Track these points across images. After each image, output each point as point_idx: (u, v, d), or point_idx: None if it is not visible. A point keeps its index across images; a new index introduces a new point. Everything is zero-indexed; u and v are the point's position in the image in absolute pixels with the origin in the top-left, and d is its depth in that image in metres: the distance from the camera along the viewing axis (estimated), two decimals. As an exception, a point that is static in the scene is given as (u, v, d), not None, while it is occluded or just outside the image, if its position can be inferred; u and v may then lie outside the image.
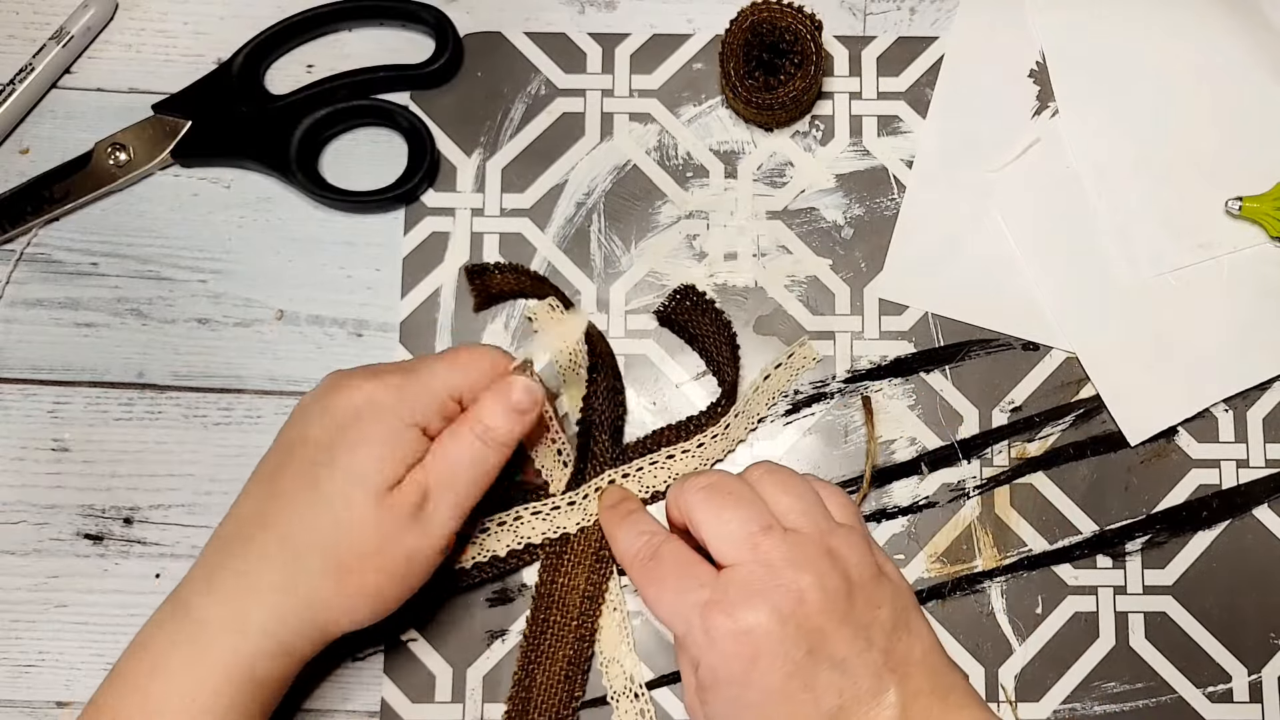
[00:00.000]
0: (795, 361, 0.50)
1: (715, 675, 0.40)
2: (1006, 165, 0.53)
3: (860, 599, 0.41)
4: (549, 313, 0.50)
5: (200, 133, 0.52)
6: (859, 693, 0.40)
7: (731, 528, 0.41)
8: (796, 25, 0.50)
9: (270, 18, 0.53)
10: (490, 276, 0.50)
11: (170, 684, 0.41)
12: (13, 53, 0.53)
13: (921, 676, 0.41)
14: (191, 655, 0.41)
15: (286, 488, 0.42)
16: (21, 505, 0.50)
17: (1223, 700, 0.49)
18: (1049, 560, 0.49)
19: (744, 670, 0.39)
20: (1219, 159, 0.52)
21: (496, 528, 0.48)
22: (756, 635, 0.39)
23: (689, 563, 0.42)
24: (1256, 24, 0.53)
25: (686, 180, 0.52)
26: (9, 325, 0.51)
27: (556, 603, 0.48)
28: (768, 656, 0.39)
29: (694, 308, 0.50)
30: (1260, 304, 0.51)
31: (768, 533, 0.41)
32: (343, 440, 0.42)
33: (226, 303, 0.51)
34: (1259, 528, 0.50)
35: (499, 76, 0.53)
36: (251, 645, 0.41)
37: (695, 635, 0.40)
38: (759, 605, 0.39)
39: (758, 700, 0.39)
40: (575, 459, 0.49)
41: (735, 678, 0.39)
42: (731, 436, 0.49)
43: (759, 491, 0.42)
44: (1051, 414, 0.51)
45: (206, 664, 0.41)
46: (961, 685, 0.42)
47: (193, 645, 0.41)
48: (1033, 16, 0.54)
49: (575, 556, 0.48)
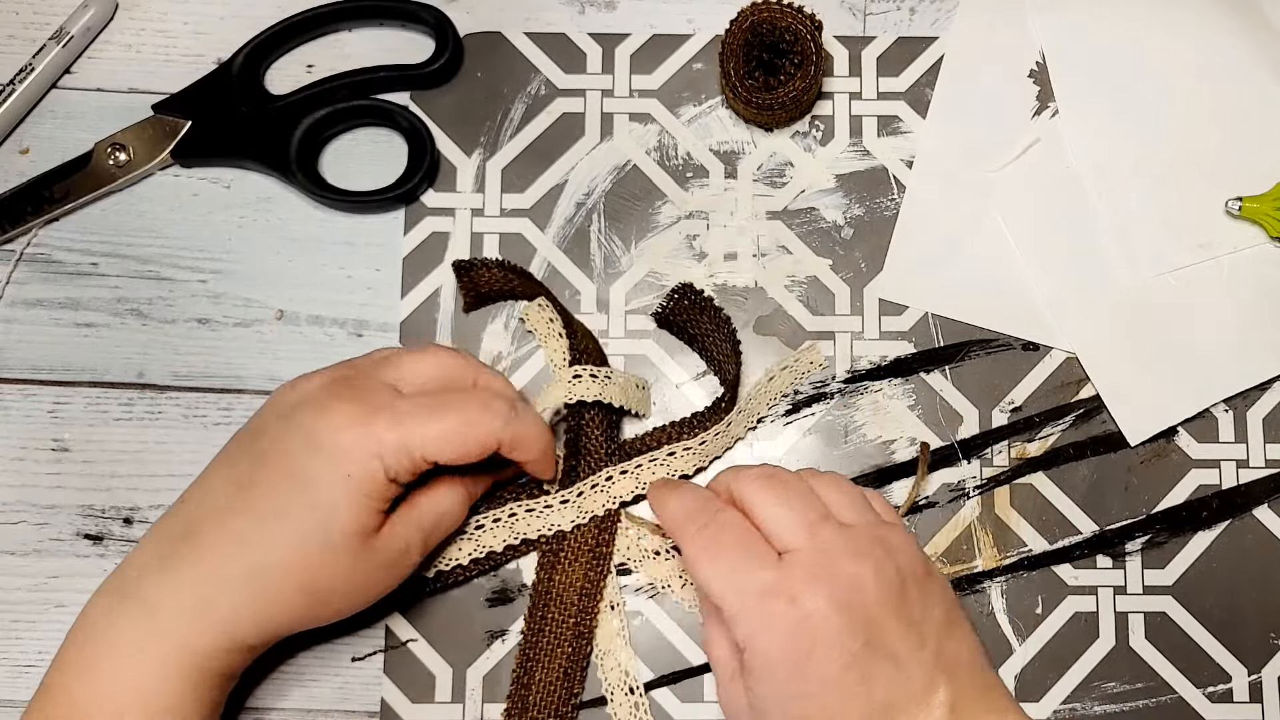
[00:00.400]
0: (800, 365, 0.50)
1: (769, 659, 0.39)
2: (1006, 165, 0.53)
3: (914, 593, 0.41)
4: (539, 312, 0.50)
5: (200, 133, 0.52)
6: (911, 689, 0.39)
7: (792, 514, 0.41)
8: (796, 25, 0.50)
9: (270, 18, 0.53)
10: (479, 273, 0.50)
11: (120, 668, 0.41)
12: (13, 53, 0.53)
13: (968, 677, 0.41)
14: (143, 641, 0.41)
15: (258, 508, 0.42)
16: (21, 505, 0.50)
17: (1223, 700, 0.49)
18: (1049, 560, 0.49)
19: (801, 658, 0.39)
20: (1219, 159, 0.52)
21: (492, 524, 0.48)
22: (816, 622, 0.39)
23: (750, 539, 0.41)
24: (1256, 24, 0.53)
25: (686, 180, 0.52)
26: (9, 325, 0.51)
27: (554, 600, 0.48)
28: (825, 646, 0.39)
29: (693, 306, 0.50)
30: (1260, 304, 0.51)
31: (825, 521, 0.41)
32: (321, 479, 0.41)
33: (226, 303, 0.51)
34: (1259, 528, 0.50)
35: (499, 76, 0.53)
36: (207, 640, 0.41)
37: (750, 616, 0.40)
38: (820, 592, 0.39)
39: (812, 690, 0.39)
40: (566, 455, 0.49)
41: (790, 664, 0.39)
42: (731, 434, 0.49)
43: (812, 487, 0.43)
44: (1051, 414, 0.51)
45: (158, 651, 0.41)
46: (1001, 688, 0.42)
47: (145, 632, 0.41)
48: (1033, 16, 0.54)
49: (572, 553, 0.48)
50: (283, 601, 0.42)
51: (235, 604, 0.41)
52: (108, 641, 0.41)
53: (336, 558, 0.42)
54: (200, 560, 0.41)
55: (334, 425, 0.41)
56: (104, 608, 0.42)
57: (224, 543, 0.41)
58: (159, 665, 0.41)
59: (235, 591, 0.41)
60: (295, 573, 0.41)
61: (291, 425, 0.42)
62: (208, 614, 0.41)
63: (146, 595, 0.41)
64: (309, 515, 0.41)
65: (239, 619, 0.41)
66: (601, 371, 0.48)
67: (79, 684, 0.41)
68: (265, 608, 0.42)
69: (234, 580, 0.41)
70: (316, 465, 0.41)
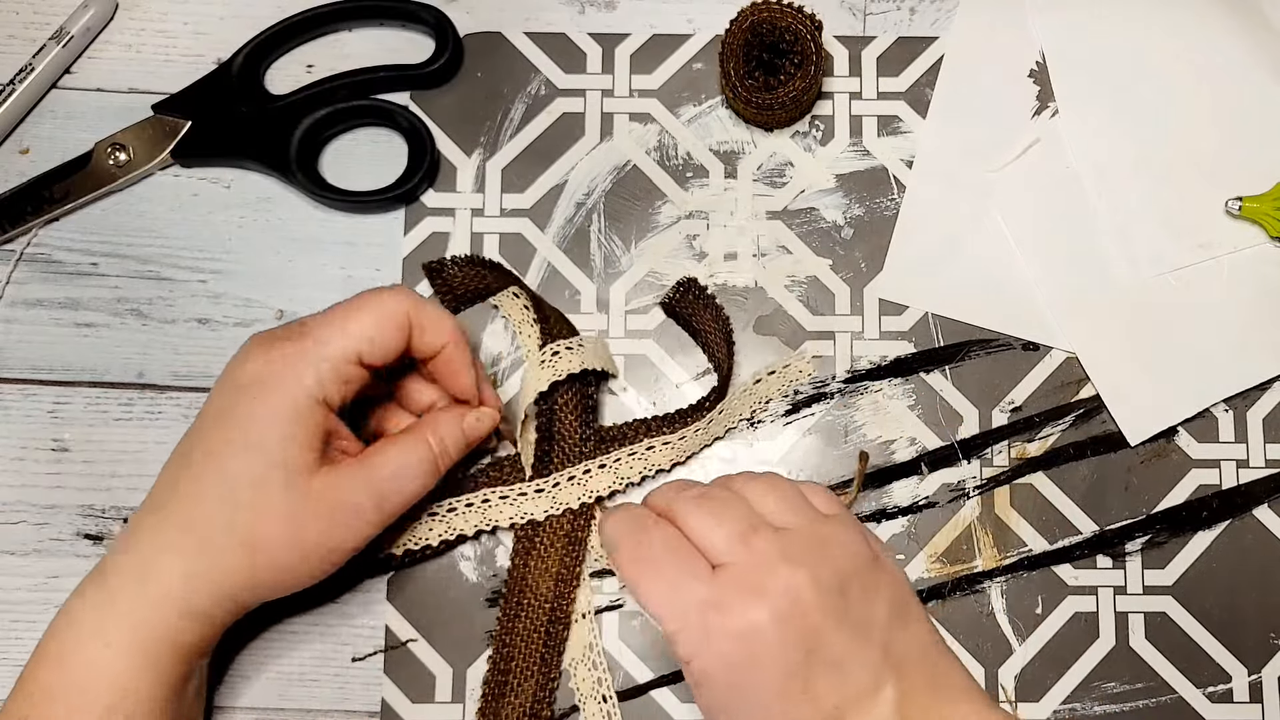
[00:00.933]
0: (790, 373, 0.50)
1: (709, 675, 0.39)
2: (1006, 165, 0.53)
3: (856, 591, 0.40)
4: (513, 300, 0.50)
5: (200, 133, 0.52)
6: (857, 692, 0.39)
7: (723, 526, 0.40)
8: (796, 25, 0.50)
9: (270, 18, 0.53)
10: (450, 273, 0.50)
11: (84, 652, 0.41)
12: (13, 53, 0.53)
13: (919, 672, 0.40)
14: (103, 622, 0.41)
15: (191, 458, 0.42)
16: (21, 505, 0.50)
17: (1223, 700, 0.49)
18: (1049, 560, 0.49)
19: (742, 672, 0.39)
20: (1219, 159, 0.52)
21: (464, 509, 0.48)
22: (754, 636, 0.38)
23: (682, 552, 0.40)
24: (1256, 24, 0.53)
25: (686, 180, 0.52)
26: (9, 325, 0.51)
27: (529, 587, 0.48)
28: (766, 659, 0.38)
29: (695, 300, 0.50)
30: (1260, 304, 0.51)
31: (758, 531, 0.40)
32: (241, 415, 0.41)
33: (226, 303, 0.51)
34: (1259, 528, 0.50)
35: (499, 76, 0.53)
36: (156, 612, 0.41)
37: (689, 633, 0.39)
38: (758, 606, 0.39)
39: (754, 702, 0.39)
40: (538, 440, 0.48)
41: (732, 679, 0.39)
42: (710, 433, 0.49)
43: (744, 496, 0.42)
44: (1051, 414, 0.51)
45: (115, 630, 0.41)
46: (960, 678, 0.41)
47: (104, 613, 0.41)
48: (1033, 16, 0.54)
49: (547, 540, 0.48)
50: (222, 555, 0.41)
51: (177, 564, 0.41)
52: (74, 627, 0.41)
53: (268, 497, 0.41)
54: (148, 528, 0.42)
55: (250, 367, 0.42)
56: (77, 594, 0.42)
57: (165, 503, 0.42)
58: (115, 645, 0.41)
59: (175, 550, 0.41)
60: (228, 519, 0.41)
61: (218, 386, 0.43)
62: (153, 580, 0.41)
63: (106, 577, 0.42)
64: (232, 453, 0.41)
65: (186, 580, 0.41)
66: (574, 342, 0.48)
67: (48, 672, 0.41)
68: (207, 565, 0.41)
69: (174, 539, 0.41)
70: (239, 405, 0.42)
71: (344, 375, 0.42)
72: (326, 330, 0.42)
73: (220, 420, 0.42)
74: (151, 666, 0.41)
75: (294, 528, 0.42)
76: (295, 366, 0.42)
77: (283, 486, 0.41)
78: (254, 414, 0.41)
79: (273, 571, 0.42)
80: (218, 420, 0.42)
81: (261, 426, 0.41)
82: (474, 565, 0.49)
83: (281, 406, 0.41)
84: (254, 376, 0.42)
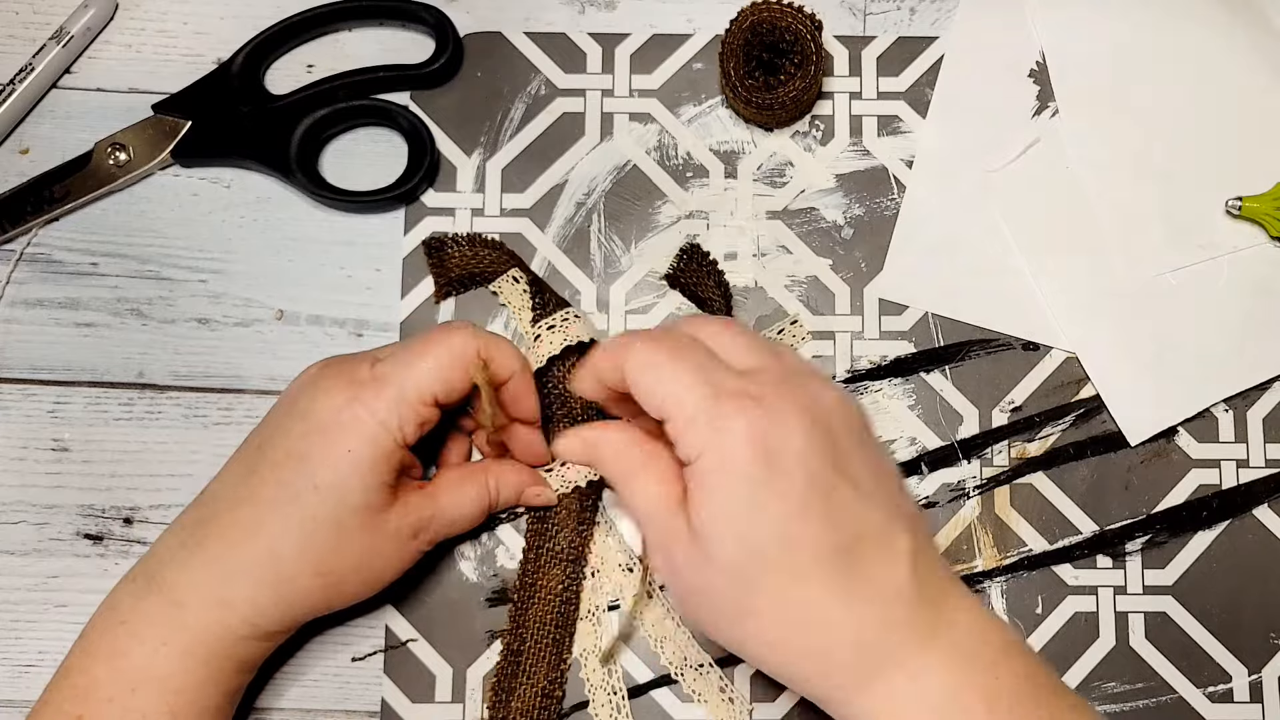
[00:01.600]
0: (784, 339, 0.50)
1: (725, 465, 0.35)
2: (1006, 165, 0.53)
3: (870, 436, 0.39)
4: (512, 285, 0.50)
5: (200, 133, 0.52)
6: (873, 529, 0.36)
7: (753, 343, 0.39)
8: (796, 25, 0.50)
9: (270, 18, 0.53)
10: (450, 252, 0.51)
11: (145, 658, 0.41)
12: (13, 53, 0.53)
13: (926, 537, 0.38)
14: (168, 634, 0.41)
15: (266, 495, 0.42)
16: (21, 505, 0.50)
17: (1223, 700, 0.49)
18: (1049, 560, 0.49)
19: (762, 465, 0.35)
20: (1219, 159, 0.52)
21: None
22: (784, 427, 0.35)
23: (711, 354, 0.38)
24: (1257, 24, 0.53)
25: (686, 180, 0.52)
26: (9, 325, 0.51)
27: (543, 568, 0.48)
28: (791, 454, 0.35)
29: (700, 268, 0.50)
30: (1260, 304, 0.51)
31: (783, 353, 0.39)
32: (321, 458, 0.42)
33: (226, 303, 0.51)
34: (1259, 528, 0.50)
35: (499, 76, 0.53)
36: (231, 632, 0.42)
37: (709, 418, 0.36)
38: (789, 398, 0.36)
39: (770, 505, 0.35)
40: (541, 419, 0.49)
41: (750, 472, 0.35)
42: None
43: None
44: (1051, 414, 0.51)
45: (183, 644, 0.41)
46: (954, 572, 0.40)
47: (170, 624, 0.41)
48: (1033, 16, 0.54)
49: (558, 521, 0.49)
50: (299, 586, 0.42)
51: (254, 592, 0.42)
52: (132, 630, 0.42)
53: (348, 537, 0.42)
54: (217, 549, 0.42)
55: (327, 404, 0.42)
56: (130, 594, 0.43)
57: (236, 531, 0.42)
58: (183, 654, 0.41)
59: (252, 580, 0.42)
60: (308, 556, 0.42)
61: (292, 411, 0.43)
62: (229, 603, 0.42)
63: (169, 585, 0.42)
64: (314, 497, 0.41)
65: (259, 607, 0.42)
66: (569, 313, 0.48)
67: (103, 667, 0.41)
68: (283, 594, 0.42)
69: (250, 569, 0.42)
70: (316, 446, 0.42)
71: (421, 417, 0.43)
72: (403, 372, 0.43)
73: (297, 460, 0.42)
74: (212, 677, 0.42)
75: (367, 558, 0.43)
76: (376, 412, 0.42)
77: (359, 527, 0.42)
78: (335, 458, 0.42)
79: (339, 597, 0.44)
80: (295, 459, 0.42)
81: (344, 470, 0.42)
82: (474, 565, 0.49)
83: (363, 451, 0.42)
84: (333, 418, 0.42)
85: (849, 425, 0.38)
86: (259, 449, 0.43)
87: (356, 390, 0.42)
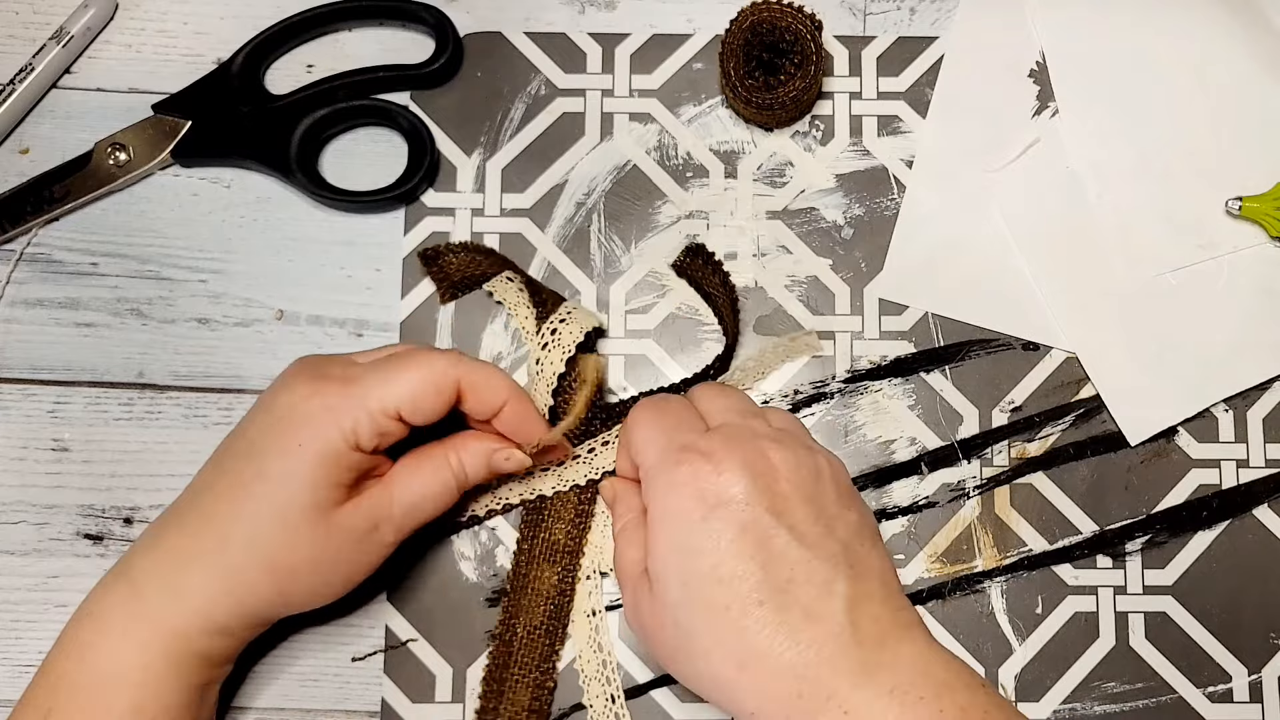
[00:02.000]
0: (797, 346, 0.50)
1: (669, 513, 0.40)
2: (1006, 165, 0.53)
3: (830, 492, 0.41)
4: (507, 285, 0.50)
5: (200, 133, 0.52)
6: (810, 572, 0.39)
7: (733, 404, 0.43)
8: (796, 25, 0.50)
9: (270, 18, 0.53)
10: (446, 260, 0.51)
11: (110, 649, 0.41)
12: (13, 53, 0.53)
13: (876, 584, 0.40)
14: (130, 622, 0.41)
15: (224, 483, 0.42)
16: (21, 505, 0.50)
17: (1223, 700, 0.49)
18: (1049, 560, 0.49)
19: (703, 513, 0.39)
20: (1219, 159, 0.52)
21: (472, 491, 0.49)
22: (724, 480, 0.39)
23: (692, 414, 0.43)
24: (1256, 24, 0.53)
25: (686, 180, 0.52)
26: (9, 325, 0.51)
27: (535, 565, 0.48)
28: (727, 504, 0.39)
29: (704, 265, 0.51)
30: (1260, 304, 0.51)
31: (759, 415, 0.43)
32: (273, 450, 0.42)
33: (226, 303, 0.51)
34: (1259, 528, 0.50)
35: (499, 76, 0.53)
36: (185, 621, 0.42)
37: (664, 469, 0.40)
38: (735, 455, 0.40)
39: (706, 548, 0.39)
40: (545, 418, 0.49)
41: (691, 519, 0.39)
42: None
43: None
44: (1051, 414, 0.51)
45: (144, 633, 0.41)
46: (914, 616, 0.40)
47: (132, 613, 0.42)
48: (1033, 16, 0.54)
49: (552, 516, 0.49)
50: (249, 579, 0.42)
51: (204, 581, 0.42)
52: (98, 622, 0.42)
53: (296, 533, 0.42)
54: (174, 538, 0.42)
55: (291, 398, 0.42)
56: (102, 586, 0.43)
57: (193, 518, 0.42)
58: (142, 646, 0.41)
59: (205, 569, 0.42)
60: (257, 548, 0.42)
61: (261, 404, 0.43)
62: (182, 593, 0.42)
63: (134, 576, 0.42)
64: (261, 487, 0.41)
65: (212, 597, 0.42)
66: (566, 310, 0.48)
67: (71, 663, 0.41)
68: (233, 586, 0.42)
69: (203, 557, 0.42)
70: (271, 436, 0.42)
71: (381, 428, 0.42)
72: (373, 380, 0.42)
73: (253, 450, 0.42)
74: (175, 671, 0.42)
75: (318, 556, 0.42)
76: (334, 411, 0.42)
77: (307, 522, 0.42)
78: (285, 449, 0.42)
79: (297, 594, 0.43)
80: (251, 449, 0.42)
81: (292, 464, 0.41)
82: (474, 565, 0.49)
83: (313, 447, 0.41)
84: (292, 410, 0.42)
85: (795, 479, 0.40)
86: (229, 441, 0.44)
87: (320, 385, 0.42)
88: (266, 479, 0.42)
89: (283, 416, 0.42)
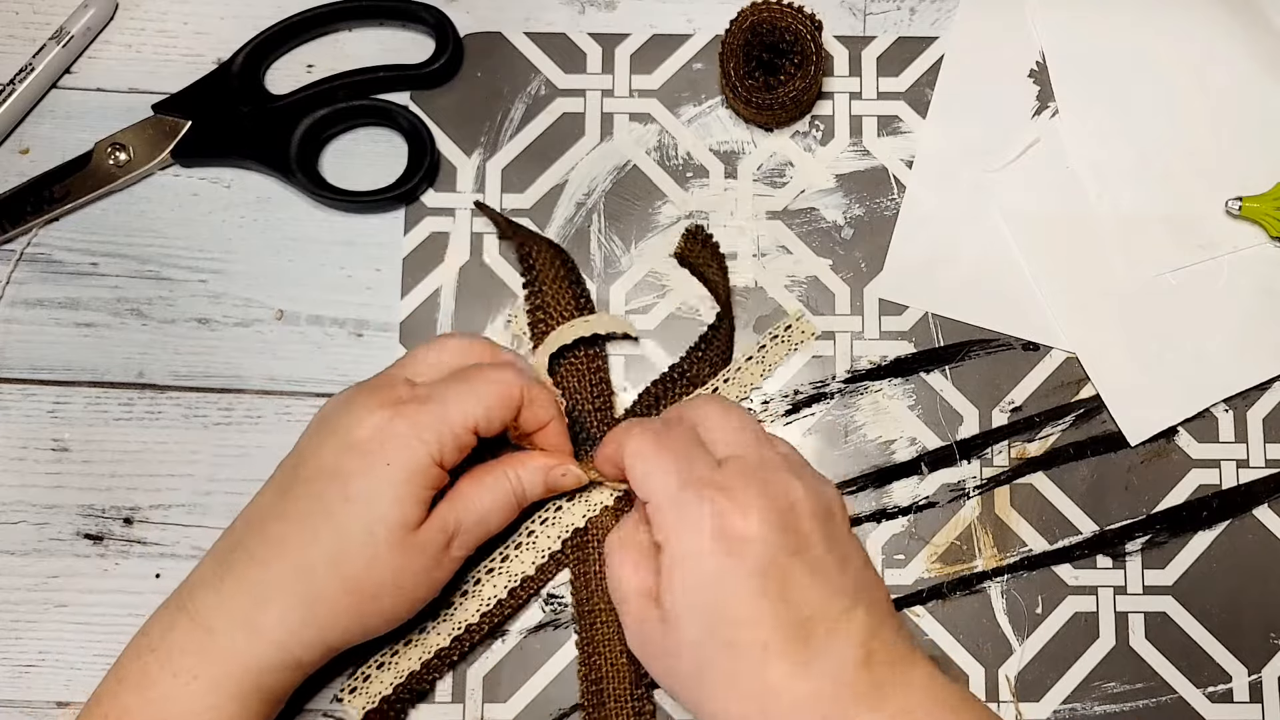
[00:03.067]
0: (793, 335, 0.50)
1: (688, 553, 0.39)
2: (1006, 165, 0.53)
3: (841, 524, 0.42)
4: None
5: (200, 133, 0.52)
6: (828, 607, 0.39)
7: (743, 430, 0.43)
8: (796, 25, 0.50)
9: (270, 18, 0.53)
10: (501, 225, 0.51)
11: (175, 687, 0.41)
12: (13, 53, 0.53)
13: (886, 612, 0.41)
14: (199, 662, 0.41)
15: (298, 510, 0.42)
16: (21, 505, 0.50)
17: (1223, 700, 0.49)
18: (1049, 560, 0.49)
19: (725, 553, 0.39)
20: (1219, 159, 0.52)
21: (514, 551, 0.48)
22: (747, 518, 0.39)
23: (697, 443, 0.42)
24: (1257, 24, 0.53)
25: (686, 180, 0.52)
26: (9, 325, 0.51)
27: (594, 590, 0.47)
28: (752, 544, 0.39)
29: (704, 248, 0.50)
30: (1260, 304, 0.51)
31: (771, 443, 0.43)
32: (357, 471, 0.41)
33: (226, 303, 0.51)
34: (1259, 528, 0.50)
35: (499, 76, 0.53)
36: (260, 659, 0.41)
37: (679, 506, 0.39)
38: (755, 490, 0.39)
39: (730, 591, 0.38)
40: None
41: (713, 560, 0.39)
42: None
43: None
44: (1051, 414, 0.51)
45: (214, 673, 0.41)
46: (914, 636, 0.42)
47: (201, 652, 0.41)
48: (1033, 16, 0.54)
49: (595, 544, 0.48)
50: (329, 604, 0.41)
51: (283, 613, 0.41)
52: (164, 659, 0.41)
53: (379, 552, 0.41)
54: (247, 570, 0.42)
55: (368, 421, 0.42)
56: (161, 621, 0.42)
57: (265, 549, 0.42)
58: (213, 687, 0.41)
59: (282, 598, 0.41)
60: (339, 571, 0.41)
61: (325, 429, 0.43)
62: (259, 628, 0.41)
63: (200, 612, 0.41)
64: (346, 509, 0.41)
65: (289, 628, 0.41)
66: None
67: (133, 696, 0.41)
68: (314, 614, 0.41)
69: (279, 586, 0.41)
70: (351, 461, 0.42)
71: (461, 441, 0.43)
72: (451, 396, 0.43)
73: (335, 473, 0.42)
74: (242, 709, 0.41)
75: (399, 576, 0.42)
76: (420, 429, 0.42)
77: (394, 541, 0.42)
78: (370, 469, 0.41)
79: (375, 618, 0.43)
80: (331, 472, 0.42)
81: (379, 484, 0.41)
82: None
83: (402, 467, 0.41)
84: (377, 431, 0.42)
85: (814, 514, 0.40)
86: (293, 469, 0.43)
87: (398, 408, 0.42)
88: (352, 500, 0.41)
89: (365, 438, 0.42)
